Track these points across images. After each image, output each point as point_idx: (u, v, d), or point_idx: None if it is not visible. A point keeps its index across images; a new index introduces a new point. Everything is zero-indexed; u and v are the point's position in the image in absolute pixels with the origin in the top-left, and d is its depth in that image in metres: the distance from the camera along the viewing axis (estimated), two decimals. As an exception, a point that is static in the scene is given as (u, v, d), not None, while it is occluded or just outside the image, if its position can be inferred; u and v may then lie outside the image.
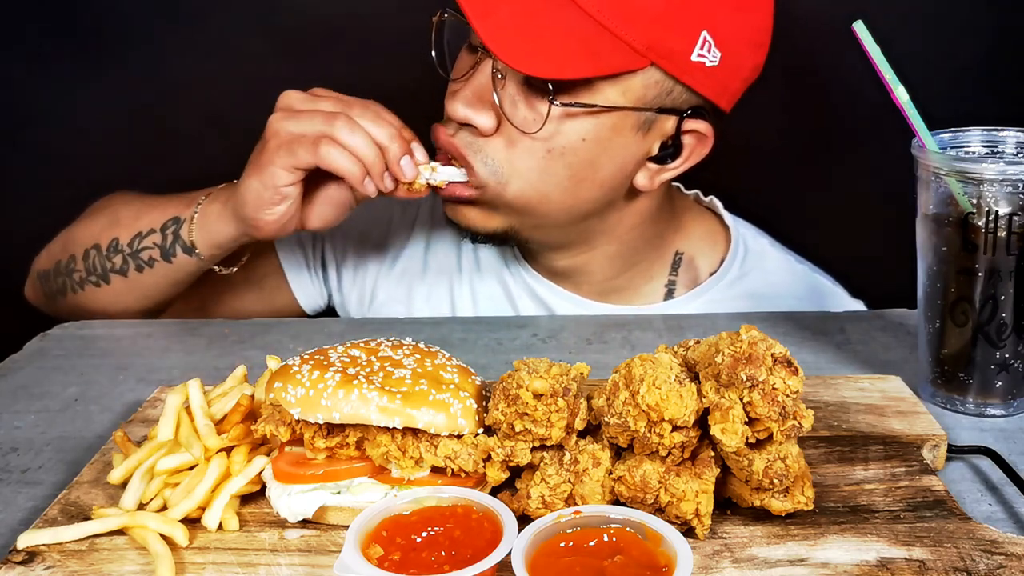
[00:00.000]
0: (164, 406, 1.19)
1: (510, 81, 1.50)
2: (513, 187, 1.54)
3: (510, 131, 1.51)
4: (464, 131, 1.54)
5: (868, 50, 1.30)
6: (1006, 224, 1.25)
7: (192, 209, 1.62)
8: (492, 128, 1.51)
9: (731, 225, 1.83)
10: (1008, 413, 1.34)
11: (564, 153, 1.51)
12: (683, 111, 1.55)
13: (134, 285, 1.70)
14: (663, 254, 1.79)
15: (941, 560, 1.00)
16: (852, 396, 1.34)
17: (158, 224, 1.66)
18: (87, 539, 1.05)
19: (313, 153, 1.45)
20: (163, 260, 1.65)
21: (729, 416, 1.00)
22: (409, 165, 1.50)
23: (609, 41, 1.45)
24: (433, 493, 1.06)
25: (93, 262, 1.72)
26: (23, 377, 1.54)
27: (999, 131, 1.36)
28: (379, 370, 1.11)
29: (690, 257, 1.80)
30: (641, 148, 1.57)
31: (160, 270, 1.67)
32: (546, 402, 1.05)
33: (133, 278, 1.69)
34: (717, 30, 1.49)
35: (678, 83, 1.52)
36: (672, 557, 0.95)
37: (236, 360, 1.38)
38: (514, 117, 1.50)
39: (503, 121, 1.51)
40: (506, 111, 1.50)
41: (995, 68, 2.22)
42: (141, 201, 1.74)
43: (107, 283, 1.71)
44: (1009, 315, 1.29)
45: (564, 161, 1.52)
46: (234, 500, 1.10)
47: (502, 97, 1.50)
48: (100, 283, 1.72)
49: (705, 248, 1.81)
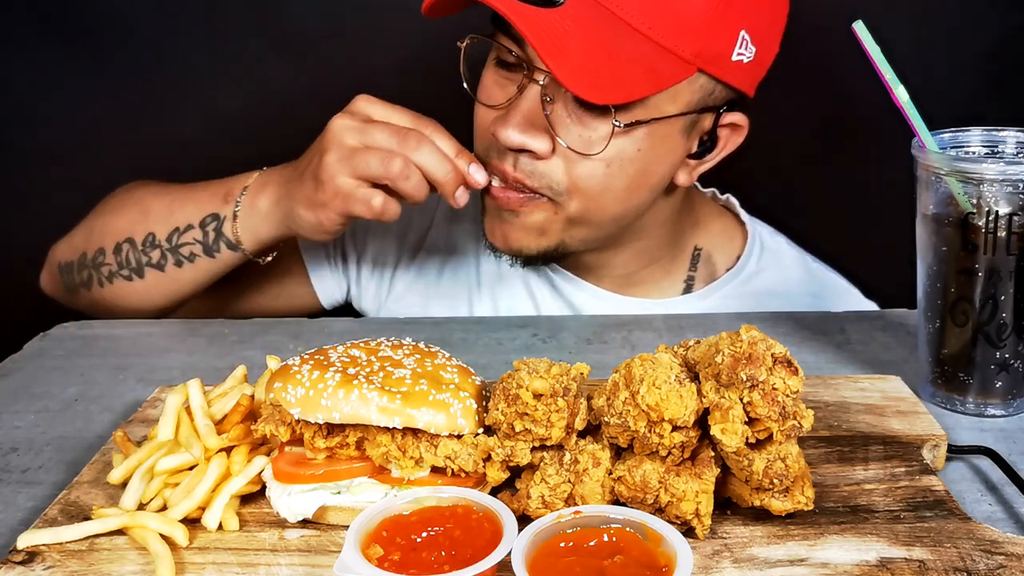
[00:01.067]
0: (164, 406, 1.19)
1: (559, 102, 1.51)
2: (574, 204, 1.56)
3: (566, 151, 1.52)
4: (522, 158, 1.54)
5: (868, 50, 1.30)
6: (1006, 224, 1.25)
7: (232, 206, 1.64)
8: (549, 151, 1.52)
9: (748, 223, 1.86)
10: (1008, 413, 1.34)
11: (622, 165, 1.54)
12: (721, 107, 1.59)
13: (170, 279, 1.71)
14: (683, 249, 1.82)
15: (941, 560, 1.00)
16: (852, 396, 1.34)
17: (196, 220, 1.67)
18: (87, 539, 1.05)
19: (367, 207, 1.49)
20: (206, 256, 1.68)
21: (729, 416, 1.00)
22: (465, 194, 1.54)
23: (662, 56, 1.47)
24: (433, 493, 1.06)
25: (127, 256, 1.71)
26: (23, 377, 1.55)
27: (999, 131, 1.36)
28: (379, 370, 1.11)
29: (708, 253, 1.83)
30: (685, 148, 1.61)
31: (202, 265, 1.69)
32: (546, 402, 1.05)
33: (171, 272, 1.70)
34: (753, 28, 1.53)
35: (719, 83, 1.55)
36: (672, 557, 0.95)
37: (236, 360, 1.38)
38: (569, 138, 1.51)
39: (557, 143, 1.52)
40: (560, 133, 1.51)
41: (995, 68, 2.22)
42: (168, 192, 1.74)
43: (140, 277, 1.72)
44: (1009, 315, 1.29)
45: (622, 173, 1.54)
46: (234, 500, 1.10)
47: (554, 120, 1.51)
48: (133, 277, 1.72)
49: (723, 244, 1.84)
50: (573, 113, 1.51)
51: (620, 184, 1.55)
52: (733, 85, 1.56)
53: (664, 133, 1.54)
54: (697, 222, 1.83)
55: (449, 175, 1.49)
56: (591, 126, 1.51)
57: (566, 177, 1.53)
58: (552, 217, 1.58)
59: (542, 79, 1.49)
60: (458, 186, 1.51)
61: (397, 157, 1.47)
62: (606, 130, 1.50)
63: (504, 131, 1.50)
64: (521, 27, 1.38)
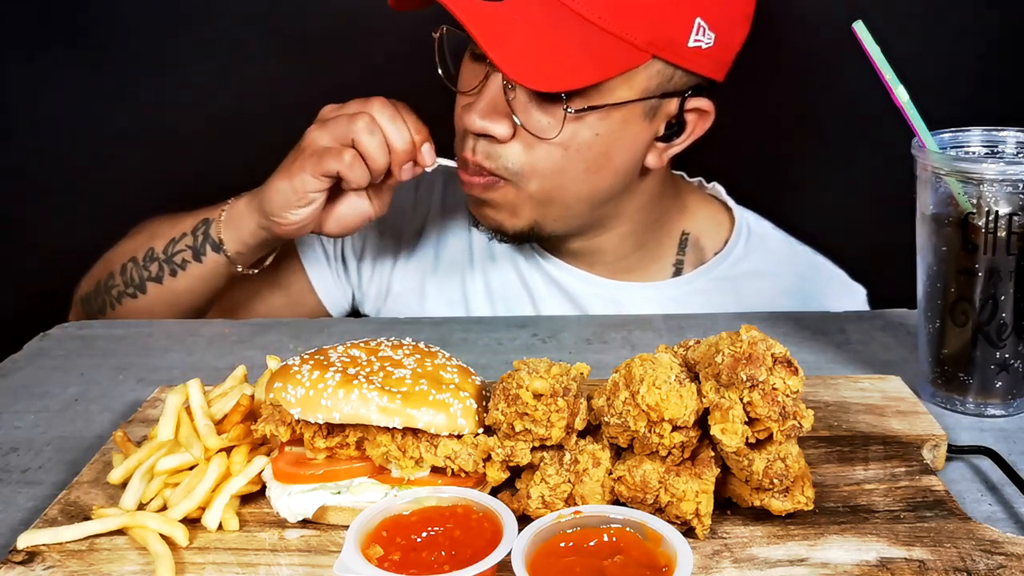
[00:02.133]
0: (164, 406, 1.19)
1: (521, 90, 1.57)
2: (534, 185, 1.63)
3: (526, 135, 1.59)
4: (482, 142, 1.61)
5: (868, 50, 1.30)
6: (1006, 224, 1.25)
7: (221, 209, 1.69)
8: (509, 136, 1.60)
9: (734, 208, 1.92)
10: (1008, 413, 1.34)
11: (580, 149, 1.60)
12: (684, 92, 1.64)
13: (168, 291, 1.74)
14: (670, 234, 1.87)
15: (941, 560, 1.00)
16: (852, 396, 1.34)
17: (190, 228, 1.72)
18: (87, 539, 1.05)
19: (338, 160, 1.53)
20: (194, 260, 1.71)
21: (729, 416, 1.00)
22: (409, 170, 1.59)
23: (612, 44, 1.53)
24: (433, 493, 1.06)
25: (130, 274, 1.77)
26: (23, 377, 1.55)
27: (999, 131, 1.36)
28: (379, 370, 1.11)
29: (696, 237, 1.88)
30: (649, 132, 1.66)
31: (193, 271, 1.72)
32: (546, 402, 1.05)
33: (167, 284, 1.74)
34: (709, 14, 1.57)
35: (678, 69, 1.60)
36: (672, 557, 0.95)
37: (236, 360, 1.38)
38: (529, 123, 1.58)
39: (518, 127, 1.59)
40: (521, 119, 1.58)
41: (995, 68, 2.21)
42: (178, 215, 1.79)
43: (143, 293, 1.76)
44: (1009, 315, 1.29)
45: (580, 156, 1.61)
46: (234, 500, 1.10)
47: (515, 106, 1.58)
48: (137, 294, 1.76)
49: (710, 229, 1.90)
50: (532, 99, 1.57)
51: (580, 166, 1.62)
52: (694, 71, 1.61)
53: (623, 117, 1.60)
54: (684, 208, 1.88)
55: (405, 144, 1.54)
56: (548, 111, 1.57)
57: (524, 159, 1.61)
58: (517, 197, 1.65)
59: None
60: (408, 160, 1.57)
61: (364, 116, 1.53)
62: (558, 115, 1.56)
63: (469, 117, 1.59)
64: (463, 19, 1.47)
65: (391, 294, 1.93)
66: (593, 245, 1.81)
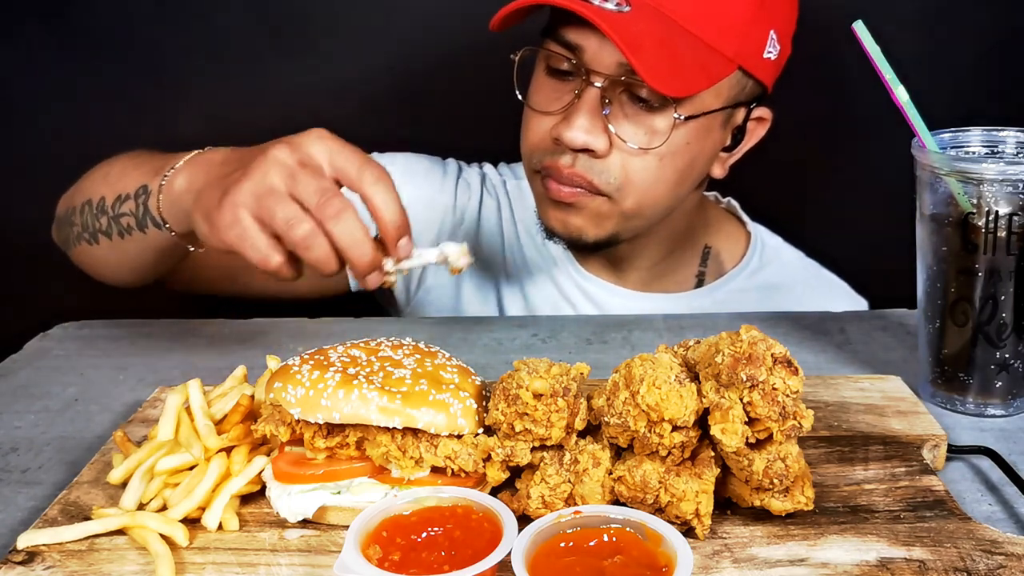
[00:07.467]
0: (164, 406, 1.19)
1: (616, 104, 1.61)
2: (630, 201, 1.65)
3: (621, 149, 1.62)
4: (582, 157, 1.62)
5: (868, 50, 1.30)
6: (1006, 224, 1.25)
7: (159, 180, 1.42)
8: (607, 150, 1.61)
9: (748, 223, 1.98)
10: (1008, 413, 1.34)
11: (673, 158, 1.64)
12: (751, 101, 1.71)
13: (120, 251, 1.58)
14: (695, 246, 1.92)
15: (941, 560, 1.00)
16: (852, 396, 1.34)
17: (132, 189, 1.50)
18: (87, 539, 1.05)
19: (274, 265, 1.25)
20: (139, 230, 1.50)
21: (729, 416, 1.00)
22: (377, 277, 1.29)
23: (711, 55, 1.59)
24: (433, 493, 1.06)
25: (86, 219, 1.62)
26: (23, 377, 1.55)
27: (999, 131, 1.36)
28: (379, 370, 1.11)
29: (716, 251, 1.94)
30: (722, 141, 1.73)
31: (140, 240, 1.52)
32: (546, 402, 1.05)
33: (116, 243, 1.57)
34: (779, 27, 1.66)
35: (751, 78, 1.66)
36: (672, 557, 0.95)
37: (236, 360, 1.38)
38: (628, 136, 1.61)
39: (615, 140, 1.62)
40: (619, 132, 1.61)
41: (995, 68, 2.21)
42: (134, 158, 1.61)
43: (96, 243, 1.62)
44: (1009, 315, 1.29)
45: (672, 165, 1.64)
46: (234, 500, 1.10)
47: (612, 120, 1.61)
48: (92, 242, 1.63)
49: (728, 244, 1.96)
50: (630, 113, 1.61)
51: (671, 176, 1.66)
52: (762, 80, 1.68)
53: (708, 126, 1.66)
54: (707, 222, 1.94)
55: (364, 257, 1.22)
56: (646, 123, 1.61)
57: (622, 172, 1.63)
58: (610, 210, 1.66)
59: (599, 82, 1.58)
60: (371, 271, 1.25)
61: (307, 222, 1.21)
62: (663, 125, 1.60)
63: (568, 133, 1.59)
64: (607, 30, 1.49)
65: (424, 285, 1.94)
66: (635, 250, 1.83)
